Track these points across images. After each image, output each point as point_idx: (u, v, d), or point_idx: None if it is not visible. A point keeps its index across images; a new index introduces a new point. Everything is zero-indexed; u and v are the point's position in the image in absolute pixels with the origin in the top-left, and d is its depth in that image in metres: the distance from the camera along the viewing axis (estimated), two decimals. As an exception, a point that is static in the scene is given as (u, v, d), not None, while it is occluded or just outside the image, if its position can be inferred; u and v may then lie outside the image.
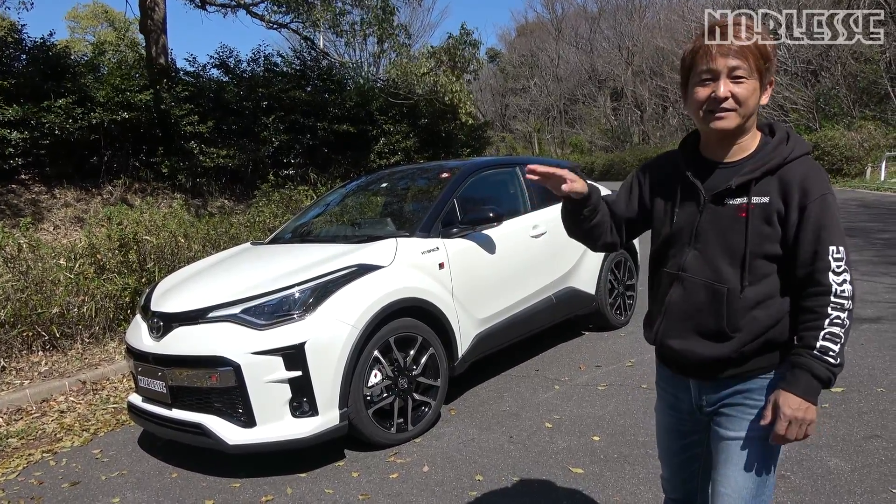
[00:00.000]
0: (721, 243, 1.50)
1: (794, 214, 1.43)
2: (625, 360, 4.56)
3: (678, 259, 1.58)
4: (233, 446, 3.09)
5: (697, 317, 1.54)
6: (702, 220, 1.53)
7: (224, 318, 3.23)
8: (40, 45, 10.45)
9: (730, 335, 1.50)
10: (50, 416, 4.36)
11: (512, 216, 4.51)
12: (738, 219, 1.48)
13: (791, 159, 1.47)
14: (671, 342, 1.60)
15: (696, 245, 1.54)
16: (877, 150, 19.06)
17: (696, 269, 1.54)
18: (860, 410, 3.40)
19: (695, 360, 1.56)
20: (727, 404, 1.56)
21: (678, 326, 1.58)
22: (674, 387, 1.70)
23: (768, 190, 1.46)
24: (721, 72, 1.43)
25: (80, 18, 42.48)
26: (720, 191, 1.50)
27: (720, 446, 1.58)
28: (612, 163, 35.86)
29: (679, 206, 1.58)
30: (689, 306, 1.55)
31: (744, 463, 1.53)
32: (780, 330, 1.49)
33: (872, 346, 4.38)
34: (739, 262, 1.48)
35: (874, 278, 6.32)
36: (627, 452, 3.15)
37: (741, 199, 1.48)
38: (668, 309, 1.60)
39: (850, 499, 2.57)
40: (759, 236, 1.46)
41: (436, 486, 2.99)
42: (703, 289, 1.53)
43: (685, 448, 1.74)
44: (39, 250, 5.88)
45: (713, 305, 1.51)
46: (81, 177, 10.50)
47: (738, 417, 1.54)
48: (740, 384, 1.54)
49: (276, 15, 13.26)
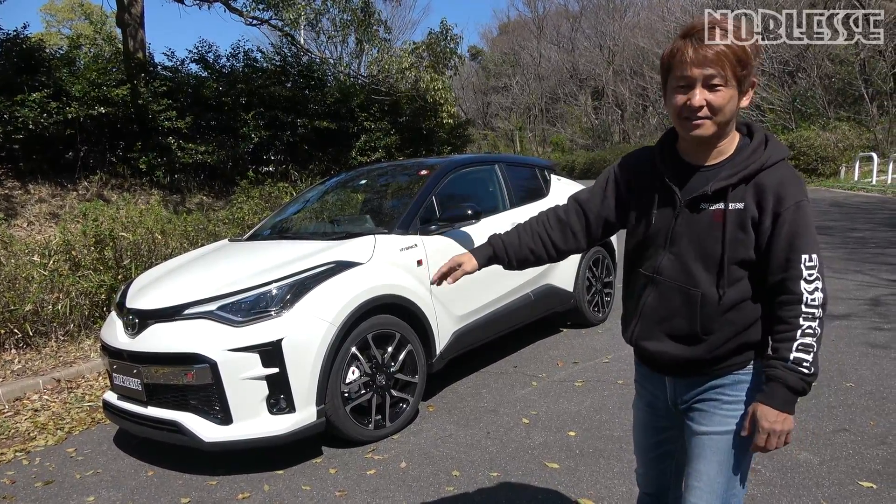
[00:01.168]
0: (696, 248, 1.51)
1: (767, 220, 1.44)
2: (602, 357, 4.61)
3: (653, 262, 1.58)
4: (209, 444, 3.08)
5: (671, 320, 1.56)
6: (677, 224, 1.53)
7: (200, 315, 3.21)
8: (13, 38, 10.25)
9: (702, 338, 1.52)
10: (23, 414, 4.30)
11: (491, 213, 4.53)
12: (714, 224, 1.48)
13: (768, 165, 1.46)
14: (646, 344, 1.62)
15: (672, 249, 1.54)
16: (850, 151, 19.41)
17: (670, 273, 1.55)
18: (829, 405, 3.48)
19: (669, 361, 1.59)
20: (700, 399, 1.59)
21: (653, 329, 1.60)
22: (651, 384, 1.72)
23: (744, 196, 1.46)
24: (696, 80, 1.40)
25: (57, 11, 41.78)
26: (696, 196, 1.50)
27: (693, 441, 1.60)
28: (593, 161, 36.03)
29: (656, 208, 1.58)
30: (664, 310, 1.57)
31: (716, 457, 1.55)
32: (753, 332, 1.52)
33: (843, 343, 4.48)
34: (715, 266, 1.49)
35: (845, 276, 6.45)
36: (602, 447, 3.19)
37: (717, 204, 1.48)
38: (643, 312, 1.62)
39: (819, 491, 2.63)
40: (735, 242, 1.46)
41: (413, 481, 3.01)
42: (677, 292, 1.54)
43: (660, 444, 1.77)
44: (12, 247, 5.79)
45: (686, 309, 1.53)
46: (56, 172, 10.32)
47: (711, 412, 1.57)
48: (714, 380, 1.57)
49: (255, 11, 13.13)
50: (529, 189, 5.15)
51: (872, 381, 3.78)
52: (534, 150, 45.08)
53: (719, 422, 1.55)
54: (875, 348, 4.33)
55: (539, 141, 47.71)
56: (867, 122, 21.67)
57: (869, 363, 4.06)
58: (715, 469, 1.55)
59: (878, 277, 6.33)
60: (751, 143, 1.51)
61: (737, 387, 1.54)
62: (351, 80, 14.69)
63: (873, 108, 22.01)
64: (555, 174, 5.61)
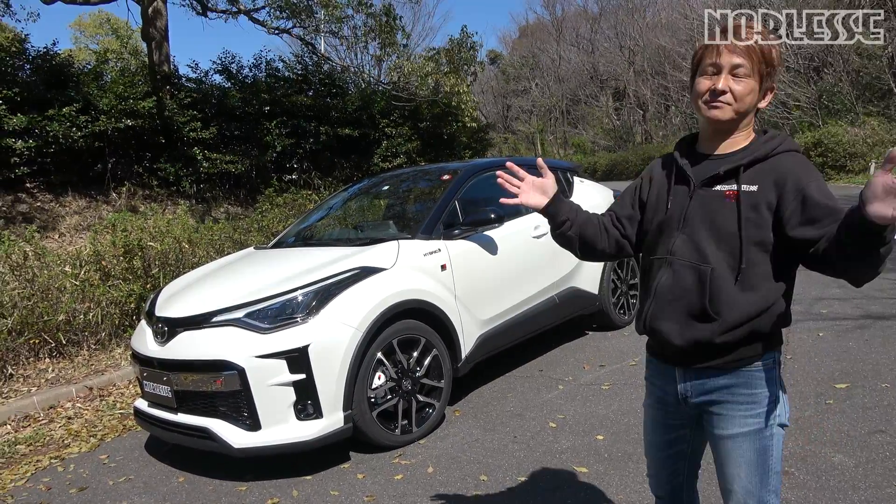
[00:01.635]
0: (707, 226, 1.54)
1: (791, 198, 1.45)
2: (628, 359, 4.57)
3: (667, 245, 1.61)
4: (238, 449, 3.11)
5: (685, 297, 1.56)
6: (691, 206, 1.58)
7: (228, 323, 3.25)
8: (44, 55, 10.52)
9: (713, 316, 1.51)
10: (57, 422, 4.39)
11: (513, 217, 4.51)
12: (725, 203, 1.53)
13: (779, 151, 1.52)
14: (658, 324, 1.62)
15: (685, 229, 1.58)
16: (880, 146, 18.97)
17: (683, 252, 1.57)
18: (864, 406, 3.40)
19: (680, 342, 1.57)
20: (714, 402, 1.58)
21: (666, 309, 1.60)
22: (661, 379, 1.71)
23: (758, 180, 1.50)
24: (724, 66, 1.50)
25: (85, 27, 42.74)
26: (709, 177, 1.56)
27: (718, 446, 1.60)
28: (615, 163, 35.81)
29: (671, 193, 1.63)
30: (678, 288, 1.58)
31: (744, 459, 1.56)
32: (764, 320, 1.51)
33: (877, 342, 4.38)
34: (728, 245, 1.51)
35: (881, 275, 6.28)
36: (631, 451, 3.16)
37: (730, 185, 1.53)
38: (656, 292, 1.62)
39: (855, 494, 2.57)
40: (748, 221, 1.49)
41: (440, 486, 3.00)
42: (689, 270, 1.55)
43: (671, 443, 1.76)
44: (45, 258, 5.92)
45: (698, 286, 1.54)
46: (86, 184, 10.54)
47: (729, 416, 1.57)
48: (724, 377, 1.56)
49: (277, 21, 13.30)
50: (552, 191, 5.11)
51: (909, 381, 3.69)
52: (555, 153, 44.90)
53: (740, 423, 1.55)
54: (911, 348, 4.22)
55: (560, 143, 47.49)
56: (897, 116, 21.20)
57: (905, 363, 3.96)
58: (745, 471, 1.56)
59: (913, 275, 6.17)
60: (764, 136, 1.58)
61: (749, 384, 1.55)
62: (372, 87, 14.79)
63: (903, 102, 21.53)
64: (578, 176, 5.57)
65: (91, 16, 41.59)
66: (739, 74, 1.50)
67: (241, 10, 13.21)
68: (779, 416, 1.56)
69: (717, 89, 1.51)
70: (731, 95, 1.50)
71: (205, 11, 13.33)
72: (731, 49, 1.50)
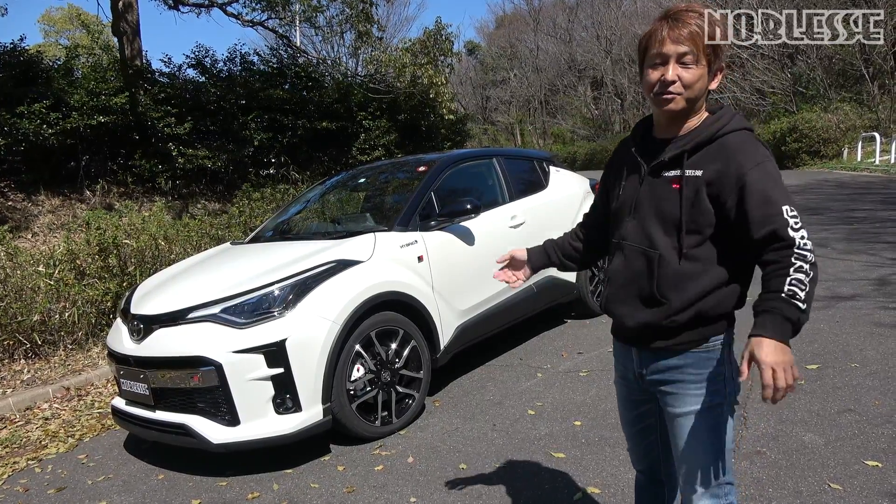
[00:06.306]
0: (655, 212, 1.58)
1: (731, 184, 1.47)
2: (606, 346, 4.62)
3: (620, 229, 1.66)
4: (217, 445, 3.11)
5: (636, 282, 1.61)
6: (641, 192, 1.62)
7: (204, 318, 3.23)
8: (11, 50, 10.31)
9: (661, 300, 1.56)
10: (34, 423, 4.34)
11: (490, 207, 4.54)
12: (671, 189, 1.56)
13: (724, 133, 1.53)
14: (613, 307, 1.69)
15: (636, 215, 1.62)
16: (853, 132, 19.29)
17: (633, 237, 1.62)
18: (834, 386, 3.48)
19: (631, 325, 1.63)
20: (667, 381, 1.63)
21: (619, 293, 1.66)
22: (623, 357, 1.78)
23: (703, 164, 1.52)
24: (671, 56, 1.50)
25: (54, 22, 41.92)
26: (656, 163, 1.59)
27: (671, 424, 1.66)
28: (595, 152, 35.95)
29: (625, 180, 1.68)
30: (629, 272, 1.63)
31: (696, 436, 1.60)
32: (710, 303, 1.54)
33: (847, 324, 4.47)
34: (673, 231, 1.55)
35: (850, 256, 6.43)
36: (608, 435, 3.20)
37: (675, 171, 1.56)
38: (611, 277, 1.69)
39: (824, 472, 2.64)
40: (691, 207, 1.52)
41: (420, 476, 3.03)
42: (639, 255, 1.60)
43: (639, 418, 1.81)
44: (18, 258, 5.83)
45: (646, 271, 1.59)
46: (59, 182, 10.39)
47: (680, 394, 1.61)
48: (674, 359, 1.61)
49: (252, 13, 13.16)
50: (529, 182, 5.15)
51: (877, 360, 3.77)
52: (535, 143, 45.01)
53: (692, 402, 1.60)
54: (880, 328, 4.32)
55: (540, 133, 47.61)
56: (869, 102, 21.52)
57: (874, 343, 4.05)
58: (695, 447, 1.60)
59: (884, 257, 6.30)
60: (712, 117, 1.58)
61: (699, 364, 1.58)
62: (349, 79, 14.71)
63: (874, 87, 21.87)
64: (554, 165, 5.60)
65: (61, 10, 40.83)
66: (687, 62, 1.49)
67: (213, 3, 13.06)
68: (729, 394, 1.60)
69: (666, 80, 1.50)
70: (681, 84, 1.50)
71: (177, 5, 13.16)
72: (675, 37, 1.48)
